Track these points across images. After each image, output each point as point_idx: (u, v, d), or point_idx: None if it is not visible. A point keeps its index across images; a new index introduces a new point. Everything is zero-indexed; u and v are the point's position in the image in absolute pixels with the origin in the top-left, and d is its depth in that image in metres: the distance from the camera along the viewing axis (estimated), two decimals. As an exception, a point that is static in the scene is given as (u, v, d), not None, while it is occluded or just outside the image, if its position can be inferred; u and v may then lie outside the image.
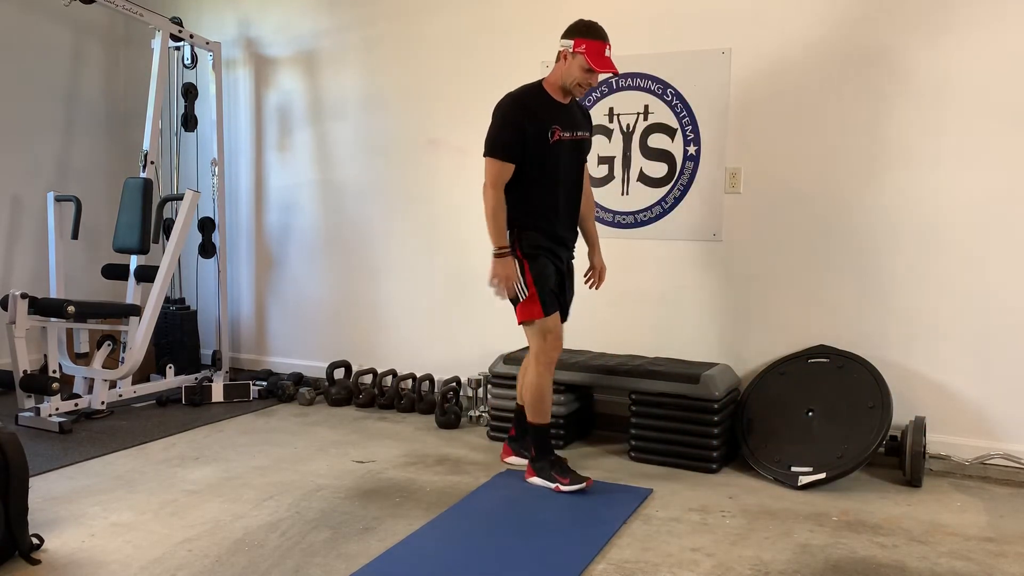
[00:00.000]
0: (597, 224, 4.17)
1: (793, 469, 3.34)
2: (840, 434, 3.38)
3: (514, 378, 3.74)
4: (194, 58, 5.00)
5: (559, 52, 3.18)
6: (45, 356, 4.29)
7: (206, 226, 4.86)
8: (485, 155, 3.15)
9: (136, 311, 4.39)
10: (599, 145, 4.10)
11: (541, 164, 3.17)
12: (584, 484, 3.14)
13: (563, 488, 3.16)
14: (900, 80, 3.55)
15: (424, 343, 4.64)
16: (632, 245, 4.09)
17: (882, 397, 3.44)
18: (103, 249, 5.17)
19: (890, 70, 3.56)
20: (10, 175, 4.92)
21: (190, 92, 5.01)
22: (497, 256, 3.14)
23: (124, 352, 4.48)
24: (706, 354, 3.91)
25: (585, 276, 3.51)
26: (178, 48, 5.02)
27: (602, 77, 3.62)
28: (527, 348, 3.34)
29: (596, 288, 3.52)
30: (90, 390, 4.28)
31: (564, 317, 3.36)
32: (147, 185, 4.41)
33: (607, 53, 3.14)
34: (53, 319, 4.09)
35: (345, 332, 4.89)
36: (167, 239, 4.65)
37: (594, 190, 4.12)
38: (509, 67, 4.28)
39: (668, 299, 4.03)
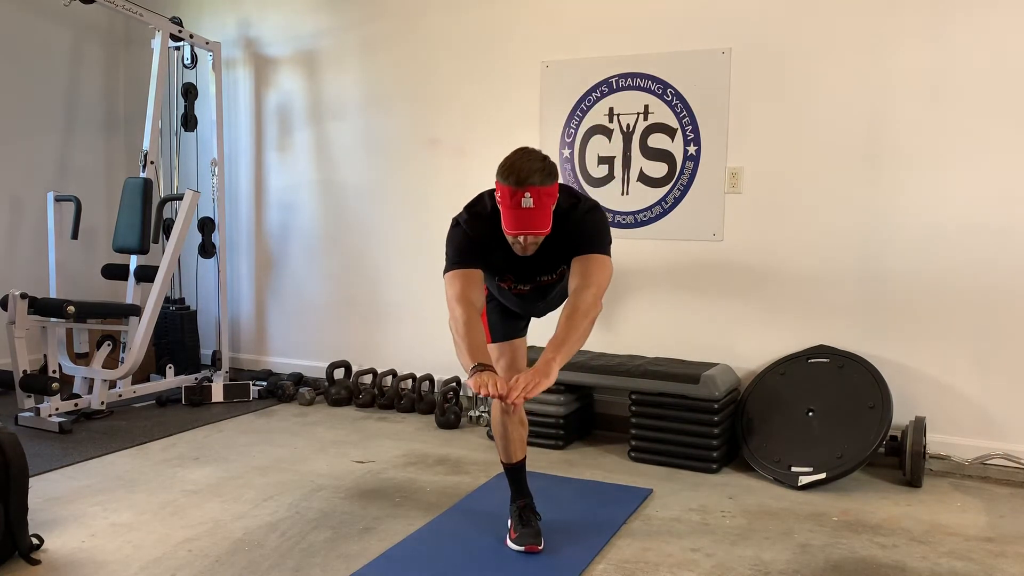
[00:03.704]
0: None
1: (793, 469, 3.34)
2: (840, 434, 3.38)
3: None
4: (194, 58, 5.01)
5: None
6: (45, 356, 4.29)
7: (206, 226, 4.86)
8: (444, 274, 2.48)
9: (136, 311, 4.39)
10: (599, 145, 4.10)
11: (494, 297, 2.67)
12: (524, 548, 2.65)
13: (509, 542, 2.71)
14: (901, 78, 3.55)
15: (424, 343, 4.64)
16: (632, 245, 4.09)
17: (882, 397, 3.44)
18: (103, 249, 5.18)
19: (891, 68, 3.56)
20: (10, 175, 4.92)
21: (190, 92, 5.00)
22: (476, 372, 2.24)
23: (124, 352, 4.48)
24: (706, 354, 3.91)
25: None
26: (178, 48, 5.02)
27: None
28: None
29: (491, 396, 2.21)
30: (90, 390, 4.28)
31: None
32: (147, 185, 4.41)
33: (524, 202, 2.24)
34: (53, 319, 4.09)
35: (345, 332, 4.89)
36: (167, 239, 4.65)
37: (594, 190, 4.13)
38: (509, 67, 4.28)
39: (668, 299, 4.03)
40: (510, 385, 2.20)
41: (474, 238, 2.44)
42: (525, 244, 2.37)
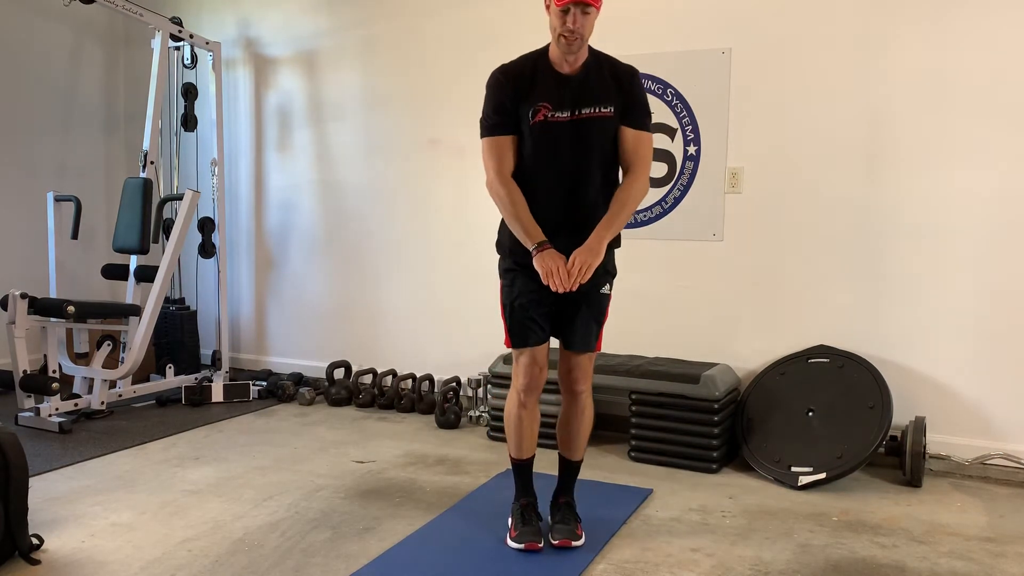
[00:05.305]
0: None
1: (793, 469, 3.34)
2: (840, 434, 3.38)
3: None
4: (194, 58, 5.01)
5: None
6: (45, 356, 4.29)
7: (206, 226, 4.86)
8: (481, 135, 2.61)
9: (136, 311, 4.39)
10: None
11: (523, 155, 2.58)
12: (524, 546, 2.65)
13: (509, 541, 2.70)
14: (901, 78, 3.55)
15: (424, 343, 4.64)
16: (632, 245, 4.06)
17: (882, 397, 3.44)
18: (103, 249, 5.18)
19: (891, 68, 3.56)
20: (10, 175, 4.92)
21: (190, 92, 5.01)
22: (536, 252, 2.47)
23: (124, 352, 4.48)
24: (706, 354, 3.91)
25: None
26: (178, 48, 5.02)
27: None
28: None
29: (559, 289, 2.46)
30: (90, 390, 4.28)
31: (571, 345, 2.72)
32: (147, 185, 4.41)
33: None
34: (53, 319, 4.09)
35: (345, 332, 4.89)
36: (167, 239, 4.65)
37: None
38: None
39: (668, 299, 4.03)
40: (568, 271, 2.44)
41: (507, 79, 2.57)
42: (574, 24, 2.42)
